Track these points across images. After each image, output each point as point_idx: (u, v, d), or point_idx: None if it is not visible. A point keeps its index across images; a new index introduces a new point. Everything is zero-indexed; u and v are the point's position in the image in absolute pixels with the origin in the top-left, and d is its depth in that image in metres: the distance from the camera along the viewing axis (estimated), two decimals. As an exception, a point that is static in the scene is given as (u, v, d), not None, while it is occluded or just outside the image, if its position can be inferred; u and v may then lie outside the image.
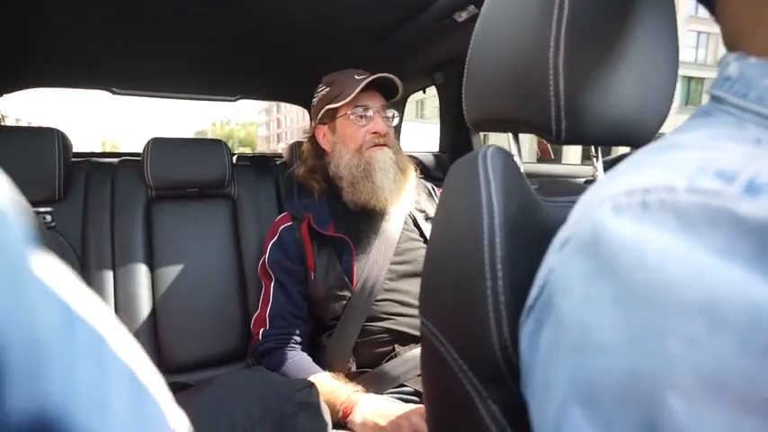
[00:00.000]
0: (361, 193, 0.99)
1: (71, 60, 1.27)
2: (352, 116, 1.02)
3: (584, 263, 0.23)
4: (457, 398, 0.36)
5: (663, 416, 0.18)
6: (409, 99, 1.76)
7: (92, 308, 0.16)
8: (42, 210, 0.44)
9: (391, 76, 1.00)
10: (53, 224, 0.45)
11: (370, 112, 1.02)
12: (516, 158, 0.49)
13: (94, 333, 0.15)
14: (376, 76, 0.99)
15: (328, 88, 1.05)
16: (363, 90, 0.99)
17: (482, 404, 0.34)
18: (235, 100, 1.87)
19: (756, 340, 0.16)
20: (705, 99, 0.31)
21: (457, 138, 1.49)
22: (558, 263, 0.26)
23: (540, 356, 0.26)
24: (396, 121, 1.08)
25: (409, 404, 0.85)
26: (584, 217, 0.25)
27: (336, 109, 1.03)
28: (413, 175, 1.07)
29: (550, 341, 0.25)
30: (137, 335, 1.09)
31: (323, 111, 1.05)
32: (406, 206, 1.07)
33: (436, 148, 1.61)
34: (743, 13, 0.27)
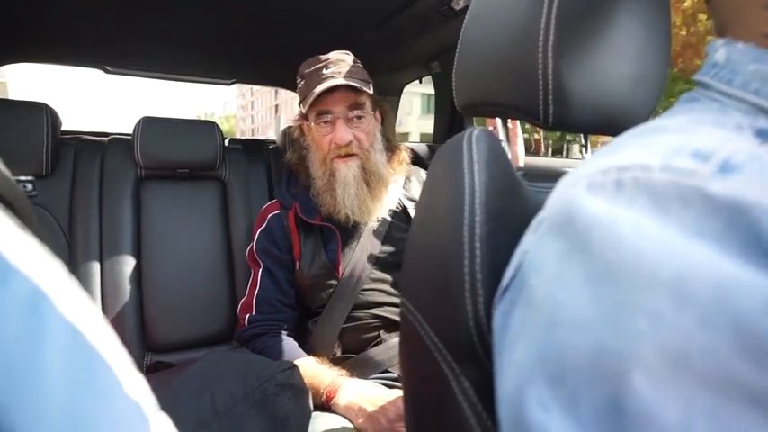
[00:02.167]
0: (323, 205, 0.98)
1: (64, 35, 1.25)
2: (316, 123, 0.97)
3: (558, 242, 0.23)
4: (431, 375, 0.36)
5: (626, 392, 0.18)
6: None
7: (35, 262, 0.15)
8: (23, 178, 0.43)
9: (351, 83, 0.92)
10: (34, 193, 0.44)
11: (332, 118, 0.95)
12: (504, 143, 0.49)
13: (33, 287, 0.14)
14: (331, 84, 0.91)
15: (303, 81, 0.99)
16: (330, 91, 0.92)
17: (455, 381, 0.34)
18: (230, 84, 1.85)
19: (720, 316, 0.16)
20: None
21: (452, 128, 1.49)
22: (532, 243, 0.26)
23: (509, 335, 0.26)
24: (365, 125, 0.98)
25: (394, 390, 0.86)
26: (560, 197, 0.25)
27: (307, 112, 0.98)
28: (384, 184, 1.01)
29: (520, 320, 0.25)
30: (122, 313, 1.09)
31: (300, 107, 1.02)
32: (396, 195, 1.06)
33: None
34: None
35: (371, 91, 0.98)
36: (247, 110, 65.69)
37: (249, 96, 64.05)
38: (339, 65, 0.95)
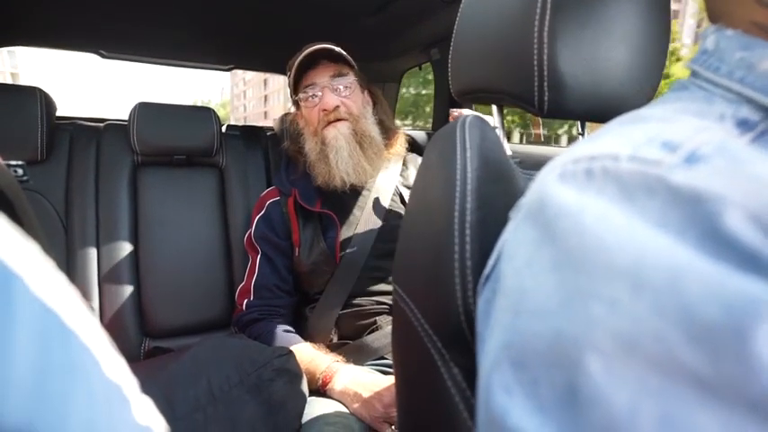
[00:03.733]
0: (318, 175, 0.99)
1: (59, 18, 1.23)
2: (304, 99, 1.00)
3: (531, 230, 0.24)
4: (421, 361, 0.36)
5: (581, 377, 0.18)
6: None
7: (5, 242, 0.15)
8: (13, 163, 0.43)
9: (324, 45, 0.95)
10: (25, 178, 0.44)
11: (318, 90, 0.98)
12: (498, 130, 0.49)
13: (3, 268, 0.14)
14: (304, 54, 0.95)
15: (291, 73, 1.02)
16: (311, 66, 0.97)
17: (444, 367, 0.34)
18: (228, 69, 1.84)
19: (670, 303, 0.17)
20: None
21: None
22: (510, 231, 0.27)
23: (490, 323, 0.26)
24: (348, 90, 1.00)
25: (389, 376, 0.87)
26: (536, 185, 0.25)
27: (295, 90, 1.01)
28: (378, 144, 1.02)
29: (497, 307, 0.25)
30: (120, 299, 1.10)
31: (292, 97, 1.04)
32: (393, 182, 1.06)
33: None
34: None
35: (355, 66, 1.01)
36: (241, 99, 69.61)
37: (242, 86, 68.27)
38: (321, 44, 0.98)
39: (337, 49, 0.96)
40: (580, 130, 0.55)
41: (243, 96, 68.68)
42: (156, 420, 0.18)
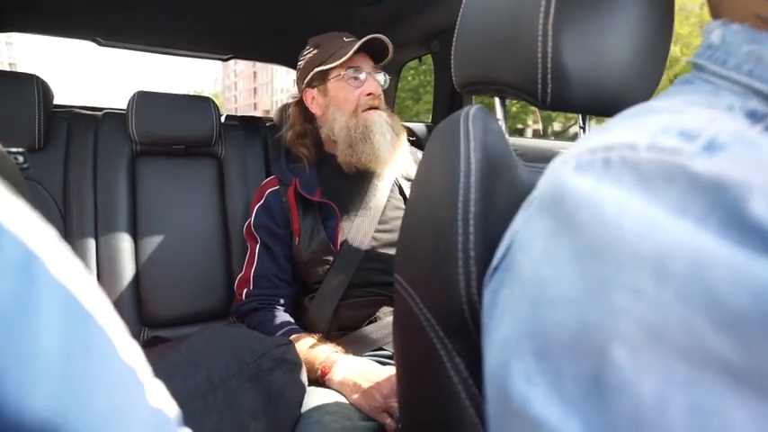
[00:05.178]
0: (361, 154, 0.98)
1: (57, 4, 1.22)
2: (345, 78, 1.00)
3: (547, 221, 0.24)
4: (423, 351, 0.36)
5: (607, 366, 0.18)
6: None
7: (27, 225, 0.15)
8: (14, 150, 0.42)
9: (382, 36, 0.97)
10: (26, 166, 0.43)
11: (362, 74, 1.00)
12: (501, 122, 0.49)
13: (25, 249, 0.14)
14: (369, 37, 0.97)
15: (316, 50, 1.02)
16: (354, 53, 0.97)
17: (447, 356, 0.34)
18: (226, 59, 1.82)
19: (696, 291, 0.17)
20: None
21: (451, 107, 1.47)
22: (522, 222, 0.27)
23: (496, 314, 0.26)
24: (386, 84, 1.07)
25: (388, 366, 0.87)
26: (550, 176, 0.25)
27: (328, 71, 1.00)
28: (404, 138, 1.06)
29: (507, 297, 0.25)
30: (119, 288, 1.10)
31: (312, 73, 1.02)
32: (395, 173, 1.07)
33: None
34: None
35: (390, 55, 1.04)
36: (231, 90, 71.92)
37: (233, 77, 70.50)
38: (353, 36, 1.02)
39: (389, 43, 1.00)
40: (581, 123, 0.55)
41: (234, 88, 70.52)
42: (168, 403, 0.19)
